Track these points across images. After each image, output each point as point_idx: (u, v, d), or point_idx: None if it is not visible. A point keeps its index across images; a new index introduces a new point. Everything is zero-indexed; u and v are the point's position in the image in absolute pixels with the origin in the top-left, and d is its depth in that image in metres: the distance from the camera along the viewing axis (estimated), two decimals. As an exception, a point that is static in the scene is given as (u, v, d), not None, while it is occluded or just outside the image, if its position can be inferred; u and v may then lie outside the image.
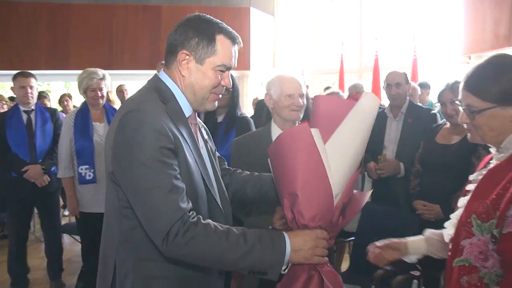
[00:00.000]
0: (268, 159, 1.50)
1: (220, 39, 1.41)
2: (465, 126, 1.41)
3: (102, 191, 3.16)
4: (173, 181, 1.29)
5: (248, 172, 1.80)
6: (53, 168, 3.60)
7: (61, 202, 4.30)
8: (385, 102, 4.58)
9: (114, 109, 3.49)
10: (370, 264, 2.01)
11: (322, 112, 1.45)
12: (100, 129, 3.26)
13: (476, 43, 5.72)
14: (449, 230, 1.44)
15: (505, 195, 1.23)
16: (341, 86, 7.07)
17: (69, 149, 3.21)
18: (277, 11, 8.19)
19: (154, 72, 4.86)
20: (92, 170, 3.16)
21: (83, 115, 3.24)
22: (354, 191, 1.52)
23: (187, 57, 1.41)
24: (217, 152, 1.73)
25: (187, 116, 1.46)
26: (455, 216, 1.44)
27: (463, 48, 6.02)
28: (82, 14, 7.18)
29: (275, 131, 2.29)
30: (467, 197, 1.39)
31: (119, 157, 1.32)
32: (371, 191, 1.57)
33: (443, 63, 6.82)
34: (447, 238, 1.44)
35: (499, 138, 1.34)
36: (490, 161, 1.43)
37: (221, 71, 1.44)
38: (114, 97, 4.68)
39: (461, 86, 1.39)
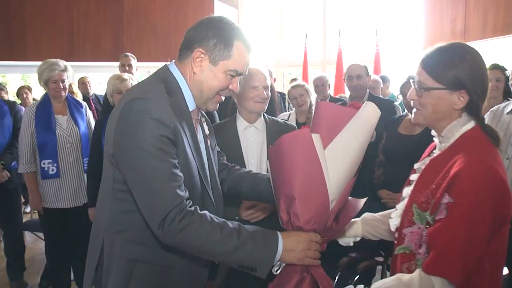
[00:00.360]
0: (267, 160, 1.54)
1: (237, 45, 1.44)
2: (412, 103, 1.45)
3: (66, 186, 3.14)
4: (172, 169, 1.32)
5: (246, 169, 1.85)
6: (13, 163, 3.48)
7: (22, 199, 4.17)
8: (347, 93, 4.67)
9: (77, 101, 3.39)
10: (335, 252, 2.07)
11: (323, 118, 1.49)
12: (63, 122, 3.16)
13: (434, 38, 5.91)
14: (394, 220, 1.47)
15: (442, 185, 1.28)
16: (305, 78, 7.15)
17: (30, 143, 3.10)
18: (241, 4, 8.17)
19: (116, 64, 4.77)
20: (55, 165, 3.07)
21: (44, 107, 3.13)
22: (349, 197, 1.54)
23: (202, 55, 1.43)
24: (217, 147, 1.77)
25: (190, 110, 1.48)
26: (400, 206, 1.47)
27: (423, 43, 6.22)
28: (39, 2, 6.91)
29: (241, 123, 2.31)
30: (411, 187, 1.44)
31: (121, 141, 1.34)
32: (366, 198, 1.58)
33: (404, 57, 7.01)
34: (393, 227, 1.48)
35: (440, 122, 1.39)
36: (433, 151, 1.48)
37: (232, 75, 1.47)
38: (76, 89, 4.54)
39: (418, 62, 1.43)
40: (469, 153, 1.29)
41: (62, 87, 3.13)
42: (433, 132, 1.47)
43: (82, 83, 5.73)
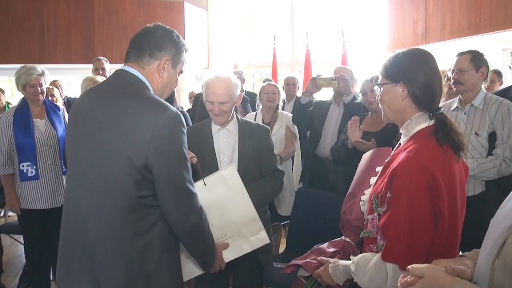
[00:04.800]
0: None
1: (184, 50, 1.76)
2: (380, 106, 1.62)
3: (45, 187, 3.21)
4: None
5: None
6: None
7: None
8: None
9: (55, 105, 3.45)
10: (304, 245, 2.27)
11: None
12: (41, 125, 3.24)
13: (398, 40, 6.18)
14: (364, 205, 1.67)
15: (384, 180, 1.44)
16: (274, 78, 7.29)
17: (8, 146, 3.16)
18: (211, 6, 8.28)
19: (88, 66, 4.82)
20: (34, 167, 3.15)
21: (23, 111, 3.20)
22: None
23: (168, 61, 1.67)
24: None
25: None
26: (367, 193, 1.66)
27: (387, 44, 6.47)
28: (6, 2, 6.80)
29: (214, 125, 2.44)
30: (376, 177, 1.61)
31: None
32: None
33: (369, 58, 7.25)
34: (363, 211, 1.68)
35: (395, 115, 1.56)
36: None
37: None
38: (58, 94, 4.57)
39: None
40: (409, 151, 1.43)
41: (39, 91, 3.20)
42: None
43: (55, 87, 5.72)
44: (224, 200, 2.07)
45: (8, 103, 5.78)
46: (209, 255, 1.80)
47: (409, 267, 1.16)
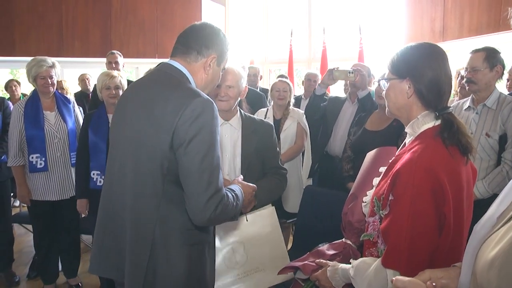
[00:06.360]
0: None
1: (229, 49, 1.80)
2: (386, 102, 1.56)
3: (54, 179, 3.24)
4: None
5: None
6: (3, 157, 3.57)
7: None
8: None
9: (65, 97, 3.48)
10: (311, 243, 2.25)
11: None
12: (51, 117, 3.27)
13: (415, 37, 6.07)
14: (366, 206, 1.60)
15: (387, 182, 1.37)
16: (290, 75, 7.25)
17: (18, 137, 3.20)
18: (228, 1, 8.26)
19: (105, 60, 4.84)
20: (43, 159, 3.18)
21: (33, 103, 3.23)
22: None
23: (214, 59, 1.71)
24: None
25: None
26: (370, 194, 1.59)
27: (404, 41, 6.37)
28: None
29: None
30: (379, 178, 1.54)
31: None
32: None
33: (386, 55, 7.15)
34: (365, 212, 1.61)
35: (400, 112, 1.50)
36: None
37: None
38: (67, 86, 4.64)
39: None
40: (413, 152, 1.35)
41: (50, 83, 3.23)
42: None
43: (82, 80, 5.84)
44: (263, 237, 2.24)
45: (24, 94, 5.89)
46: (234, 217, 1.75)
47: (393, 278, 1.12)
